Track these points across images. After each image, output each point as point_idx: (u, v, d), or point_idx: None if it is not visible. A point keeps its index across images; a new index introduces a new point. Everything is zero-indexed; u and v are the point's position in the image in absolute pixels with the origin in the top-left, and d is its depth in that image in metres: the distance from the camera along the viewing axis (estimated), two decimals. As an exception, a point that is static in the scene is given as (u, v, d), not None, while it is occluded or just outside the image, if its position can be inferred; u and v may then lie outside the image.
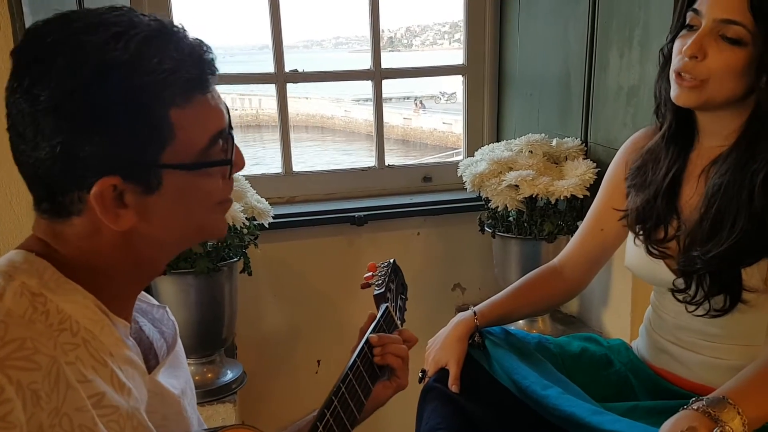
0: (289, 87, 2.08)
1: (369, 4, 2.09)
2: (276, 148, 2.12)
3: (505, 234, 1.87)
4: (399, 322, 1.23)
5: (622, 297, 1.81)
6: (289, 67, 2.05)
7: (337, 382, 0.97)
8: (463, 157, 2.22)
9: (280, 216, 1.88)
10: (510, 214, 1.85)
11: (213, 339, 1.72)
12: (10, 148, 0.71)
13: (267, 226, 1.74)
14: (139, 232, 0.73)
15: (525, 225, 1.83)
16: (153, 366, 0.82)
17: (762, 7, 1.02)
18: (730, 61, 1.05)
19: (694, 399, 0.97)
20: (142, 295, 0.88)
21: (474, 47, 2.23)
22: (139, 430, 0.72)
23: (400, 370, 1.11)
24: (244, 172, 1.99)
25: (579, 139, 1.89)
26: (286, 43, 2.02)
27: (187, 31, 0.72)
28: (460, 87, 2.29)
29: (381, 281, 1.23)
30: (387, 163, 2.22)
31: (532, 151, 1.88)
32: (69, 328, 0.69)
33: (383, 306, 1.19)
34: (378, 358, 1.09)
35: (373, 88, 2.16)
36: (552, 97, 2.02)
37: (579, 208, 1.79)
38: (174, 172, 0.71)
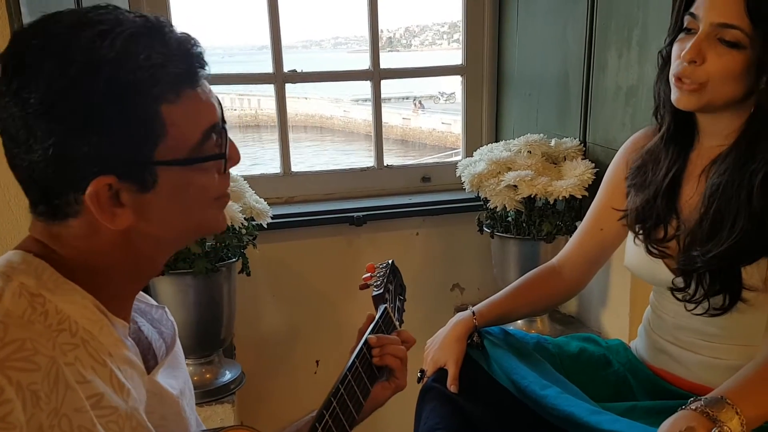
0: (288, 87, 2.07)
1: (368, 4, 2.09)
2: (275, 148, 2.12)
3: (504, 234, 1.87)
4: (397, 323, 1.23)
5: (620, 297, 1.81)
6: (288, 68, 2.05)
7: (335, 383, 0.97)
8: (461, 157, 2.22)
9: (278, 216, 1.88)
10: (509, 214, 1.85)
11: (211, 339, 1.72)
12: (4, 152, 0.70)
13: (266, 227, 1.74)
14: (138, 231, 0.73)
15: (524, 225, 1.83)
16: (152, 366, 0.82)
17: (759, 10, 1.02)
18: (728, 64, 1.05)
19: (692, 399, 0.97)
20: (140, 296, 0.88)
21: (473, 47, 2.23)
22: (138, 430, 0.72)
23: (399, 371, 1.11)
24: (243, 173, 2.00)
25: (577, 139, 1.89)
26: (284, 43, 2.02)
27: (174, 27, 0.72)
28: (459, 87, 2.29)
29: (380, 282, 1.24)
30: (386, 164, 2.22)
31: (530, 152, 1.88)
32: (68, 328, 0.69)
33: (382, 307, 1.19)
34: (376, 359, 1.09)
35: (371, 88, 2.15)
36: (551, 98, 2.02)
37: (577, 209, 1.80)
38: (169, 168, 0.71)
